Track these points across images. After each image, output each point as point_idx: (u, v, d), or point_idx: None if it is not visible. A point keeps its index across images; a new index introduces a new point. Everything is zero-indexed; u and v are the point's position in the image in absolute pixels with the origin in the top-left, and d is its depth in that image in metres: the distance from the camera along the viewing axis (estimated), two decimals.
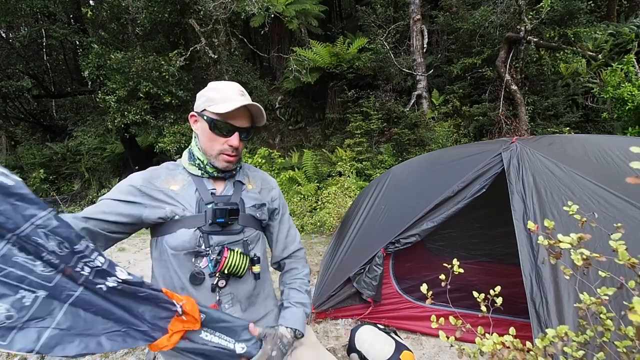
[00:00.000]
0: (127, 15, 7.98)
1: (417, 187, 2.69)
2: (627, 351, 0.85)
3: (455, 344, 1.02)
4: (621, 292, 0.95)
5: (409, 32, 8.50)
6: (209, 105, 1.05)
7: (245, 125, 1.08)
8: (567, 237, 0.92)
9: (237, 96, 1.05)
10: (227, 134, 1.06)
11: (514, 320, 2.07)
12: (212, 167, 1.10)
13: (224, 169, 1.10)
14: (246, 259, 1.08)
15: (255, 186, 1.20)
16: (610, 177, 1.85)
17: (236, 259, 1.05)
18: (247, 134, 1.10)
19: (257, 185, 1.21)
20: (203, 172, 1.10)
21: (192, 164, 1.11)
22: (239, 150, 1.09)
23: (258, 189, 1.20)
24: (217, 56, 8.01)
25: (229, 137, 1.06)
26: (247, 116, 1.09)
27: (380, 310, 2.53)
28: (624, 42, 7.00)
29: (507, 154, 2.14)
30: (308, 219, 5.86)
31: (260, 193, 1.19)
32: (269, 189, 1.24)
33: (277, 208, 1.24)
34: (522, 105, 6.70)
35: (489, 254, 3.11)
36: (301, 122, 10.40)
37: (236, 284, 1.10)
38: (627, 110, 5.02)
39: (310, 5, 9.75)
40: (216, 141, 1.06)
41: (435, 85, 8.60)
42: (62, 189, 10.27)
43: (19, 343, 0.67)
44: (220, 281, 1.05)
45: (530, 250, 1.71)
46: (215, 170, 1.10)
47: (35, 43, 11.11)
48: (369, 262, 2.44)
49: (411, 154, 6.86)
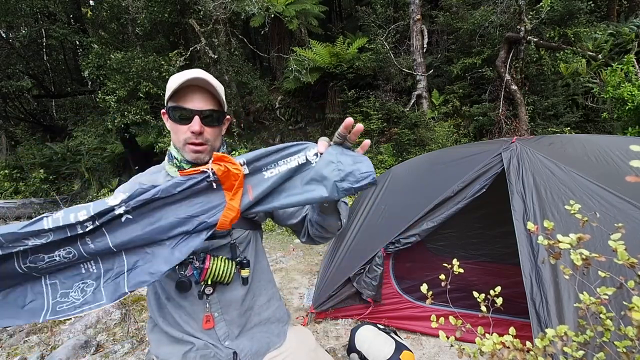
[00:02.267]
0: (127, 15, 7.98)
1: (417, 187, 2.69)
2: (627, 351, 0.85)
3: (455, 344, 1.02)
4: (621, 292, 0.95)
5: (409, 32, 8.50)
6: (167, 96, 1.00)
7: (206, 108, 0.98)
8: (566, 237, 0.92)
9: (186, 75, 0.95)
10: (185, 119, 0.97)
11: (514, 320, 2.07)
12: (187, 162, 1.02)
13: (193, 160, 1.01)
14: (231, 265, 1.00)
15: None
16: (610, 177, 1.85)
17: (220, 266, 0.98)
18: (213, 119, 1.00)
19: None
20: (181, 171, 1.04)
21: (171, 164, 1.06)
22: (205, 137, 0.99)
23: None
24: (217, 56, 8.01)
25: (189, 124, 0.97)
26: (206, 98, 0.99)
27: (380, 310, 2.53)
28: (624, 42, 7.00)
29: (507, 154, 2.14)
30: None
31: None
32: None
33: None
34: (522, 105, 6.70)
35: (489, 254, 3.11)
36: (301, 122, 10.40)
37: (223, 290, 1.04)
38: (627, 110, 5.01)
39: (310, 5, 9.75)
40: (179, 130, 0.99)
41: (435, 85, 8.60)
42: (62, 189, 10.27)
43: (109, 297, 0.79)
44: (207, 288, 1.00)
45: (530, 250, 1.71)
46: (190, 166, 1.01)
47: (35, 43, 11.12)
48: (369, 262, 2.44)
49: (411, 154, 6.86)
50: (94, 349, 2.52)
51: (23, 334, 2.76)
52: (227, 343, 1.04)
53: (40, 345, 2.61)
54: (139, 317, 3.02)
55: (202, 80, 0.95)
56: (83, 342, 2.52)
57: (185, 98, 0.97)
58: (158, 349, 1.06)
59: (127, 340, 2.62)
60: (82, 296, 0.78)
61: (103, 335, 2.77)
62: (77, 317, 3.03)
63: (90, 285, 0.79)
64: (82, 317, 2.98)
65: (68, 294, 0.77)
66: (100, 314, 2.96)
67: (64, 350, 2.43)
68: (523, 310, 1.66)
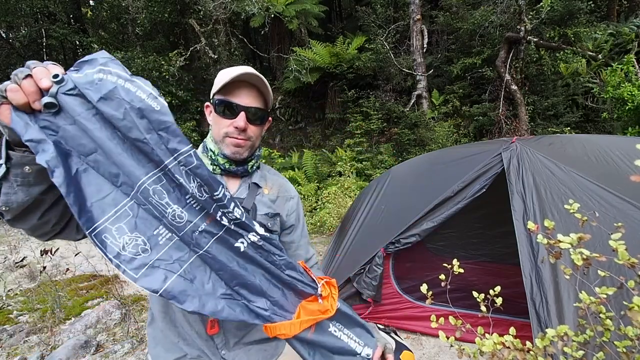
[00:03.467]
0: (127, 15, 7.99)
1: (417, 187, 2.69)
2: (627, 351, 0.85)
3: (455, 344, 1.02)
4: (621, 292, 0.95)
5: (409, 32, 8.51)
6: (215, 89, 0.99)
7: (253, 105, 0.98)
8: (567, 237, 0.92)
9: (239, 70, 0.94)
10: (231, 114, 0.97)
11: (514, 320, 2.07)
12: (223, 157, 1.00)
13: (232, 154, 0.99)
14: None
15: (271, 192, 1.09)
16: (610, 177, 1.85)
17: None
18: (257, 117, 0.99)
19: (274, 191, 1.10)
20: (215, 166, 1.01)
21: (205, 155, 1.03)
22: (248, 134, 0.98)
23: (274, 196, 1.09)
24: (217, 56, 8.02)
25: (234, 119, 0.96)
26: (254, 95, 0.99)
27: (380, 310, 2.53)
28: (624, 42, 7.00)
29: (507, 154, 2.14)
30: (308, 219, 5.86)
31: (276, 201, 1.08)
32: (287, 198, 1.12)
33: (293, 224, 1.13)
34: (522, 105, 6.71)
35: (489, 254, 3.11)
36: (301, 122, 10.41)
37: None
38: (627, 110, 5.02)
39: (310, 5, 9.74)
40: (222, 123, 0.98)
41: (435, 85, 8.61)
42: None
43: (147, 281, 0.65)
44: None
45: (530, 250, 1.71)
46: (227, 162, 1.00)
47: (35, 43, 11.10)
48: (369, 262, 2.44)
49: (411, 154, 6.86)
50: (94, 349, 2.52)
51: (23, 334, 2.76)
52: (223, 352, 1.00)
53: (40, 345, 2.61)
54: (139, 317, 3.03)
55: (253, 76, 0.95)
56: (83, 342, 2.52)
57: (234, 93, 0.96)
58: (154, 348, 1.04)
59: (127, 340, 2.62)
60: (126, 247, 0.64)
61: (103, 335, 2.77)
62: (77, 317, 3.03)
63: (145, 252, 0.66)
64: (82, 317, 2.99)
65: (122, 233, 0.65)
66: (100, 314, 2.96)
67: (64, 350, 2.43)
68: (523, 310, 1.66)
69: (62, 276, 4.04)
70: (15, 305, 3.36)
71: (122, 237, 0.64)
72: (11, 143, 0.63)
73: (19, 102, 0.58)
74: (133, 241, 0.65)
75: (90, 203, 0.63)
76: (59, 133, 0.61)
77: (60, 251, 3.67)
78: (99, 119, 0.63)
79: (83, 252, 3.45)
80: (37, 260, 3.67)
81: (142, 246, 0.66)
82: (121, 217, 0.65)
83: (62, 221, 0.77)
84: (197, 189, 0.69)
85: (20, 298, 3.50)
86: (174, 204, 0.68)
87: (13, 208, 0.68)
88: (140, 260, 0.65)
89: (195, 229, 0.71)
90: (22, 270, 4.27)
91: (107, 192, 0.65)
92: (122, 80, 0.63)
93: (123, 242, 0.64)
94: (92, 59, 0.62)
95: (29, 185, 0.66)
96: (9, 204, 0.67)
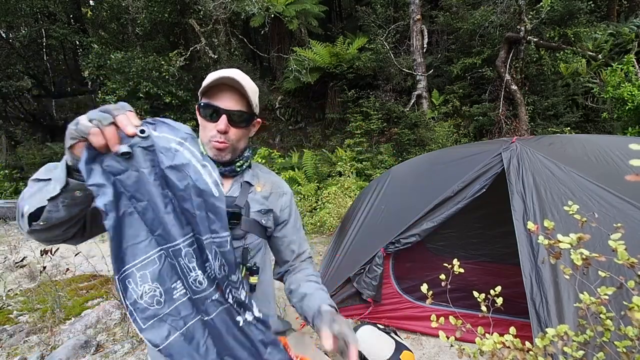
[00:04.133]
0: (127, 15, 7.99)
1: (417, 187, 2.69)
2: (627, 351, 0.85)
3: (455, 343, 1.02)
4: (621, 292, 0.95)
5: (409, 32, 8.51)
6: (200, 92, 1.00)
7: (235, 108, 0.98)
8: (566, 237, 0.92)
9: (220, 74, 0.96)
10: (214, 117, 0.97)
11: (514, 320, 2.07)
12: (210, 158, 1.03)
13: (214, 157, 1.00)
14: (242, 269, 0.99)
15: (264, 189, 1.10)
16: (610, 177, 1.85)
17: None
18: (242, 119, 1.00)
19: (267, 188, 1.11)
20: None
21: None
22: (229, 137, 0.99)
23: (267, 193, 1.10)
24: (217, 56, 8.02)
25: (216, 122, 0.97)
26: (236, 99, 0.99)
27: (380, 310, 2.53)
28: (624, 42, 7.00)
29: (507, 154, 2.14)
30: (308, 219, 5.86)
31: (269, 198, 1.10)
32: (280, 194, 1.13)
33: (286, 219, 1.13)
34: (522, 105, 6.71)
35: (489, 254, 3.11)
36: (301, 122, 10.41)
37: None
38: (627, 110, 5.02)
39: (310, 5, 9.74)
40: (207, 127, 0.99)
41: (435, 85, 8.61)
42: None
43: (151, 333, 0.68)
44: None
45: (530, 250, 1.71)
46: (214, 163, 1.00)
47: (35, 43, 11.12)
48: (369, 262, 2.44)
49: (411, 154, 6.86)
50: (94, 349, 2.52)
51: (23, 334, 2.76)
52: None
53: (40, 345, 2.61)
54: None
55: (233, 80, 0.96)
56: (83, 342, 2.52)
57: (216, 96, 0.98)
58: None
59: (127, 340, 2.62)
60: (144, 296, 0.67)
61: (103, 335, 2.77)
62: (77, 317, 3.03)
63: (159, 304, 0.69)
64: (82, 317, 2.98)
65: (144, 281, 0.68)
66: (100, 314, 2.96)
67: (64, 350, 2.43)
68: (523, 310, 1.66)
69: (62, 276, 4.04)
70: (15, 305, 3.36)
71: (143, 285, 0.68)
72: (71, 167, 0.67)
73: (97, 144, 0.61)
74: (152, 291, 0.69)
75: (126, 246, 0.67)
76: (121, 176, 0.65)
77: (60, 251, 3.67)
78: (159, 177, 0.68)
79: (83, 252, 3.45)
80: (37, 260, 3.67)
81: (157, 298, 0.69)
82: (148, 265, 0.69)
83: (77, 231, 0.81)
84: (218, 267, 0.75)
85: (20, 298, 3.50)
86: (199, 269, 0.74)
87: (50, 224, 0.71)
88: (152, 311, 0.69)
89: (209, 297, 0.76)
90: (22, 270, 4.27)
91: (142, 238, 0.69)
92: (195, 160, 0.70)
93: (143, 290, 0.68)
94: (176, 128, 0.69)
95: (73, 206, 0.70)
96: (49, 220, 0.70)
